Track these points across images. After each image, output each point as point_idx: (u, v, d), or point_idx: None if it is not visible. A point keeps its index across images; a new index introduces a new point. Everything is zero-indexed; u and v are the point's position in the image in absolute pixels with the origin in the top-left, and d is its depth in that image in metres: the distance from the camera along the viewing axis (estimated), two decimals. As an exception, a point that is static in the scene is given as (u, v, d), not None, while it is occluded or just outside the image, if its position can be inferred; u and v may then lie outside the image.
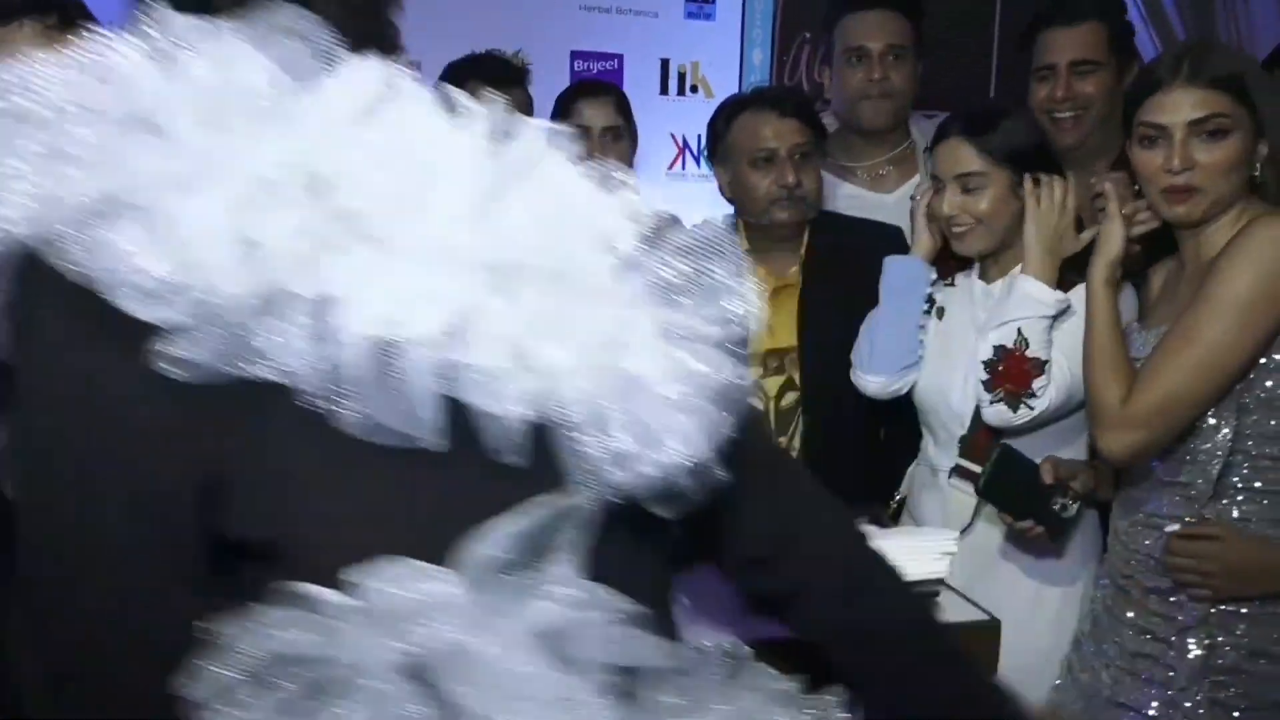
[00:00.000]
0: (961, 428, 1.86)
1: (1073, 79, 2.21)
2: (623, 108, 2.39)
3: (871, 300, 1.97)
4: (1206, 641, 1.51)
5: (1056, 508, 1.68)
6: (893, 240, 2.11)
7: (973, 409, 1.82)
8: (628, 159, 2.39)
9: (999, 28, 3.64)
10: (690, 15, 3.12)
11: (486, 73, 2.11)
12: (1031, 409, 1.73)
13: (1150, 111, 1.56)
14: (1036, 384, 1.72)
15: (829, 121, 2.37)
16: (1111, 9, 2.34)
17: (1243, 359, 1.48)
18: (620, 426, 0.72)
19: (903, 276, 1.95)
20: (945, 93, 3.40)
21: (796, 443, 2.10)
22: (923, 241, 1.95)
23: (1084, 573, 1.81)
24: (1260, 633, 1.50)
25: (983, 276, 1.92)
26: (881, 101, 2.37)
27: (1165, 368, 1.51)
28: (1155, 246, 1.71)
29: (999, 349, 1.74)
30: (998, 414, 1.76)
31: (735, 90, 3.08)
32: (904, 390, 1.95)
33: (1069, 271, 1.81)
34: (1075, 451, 1.81)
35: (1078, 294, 1.74)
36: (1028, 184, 1.80)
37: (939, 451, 1.93)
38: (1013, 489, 1.71)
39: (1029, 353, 1.72)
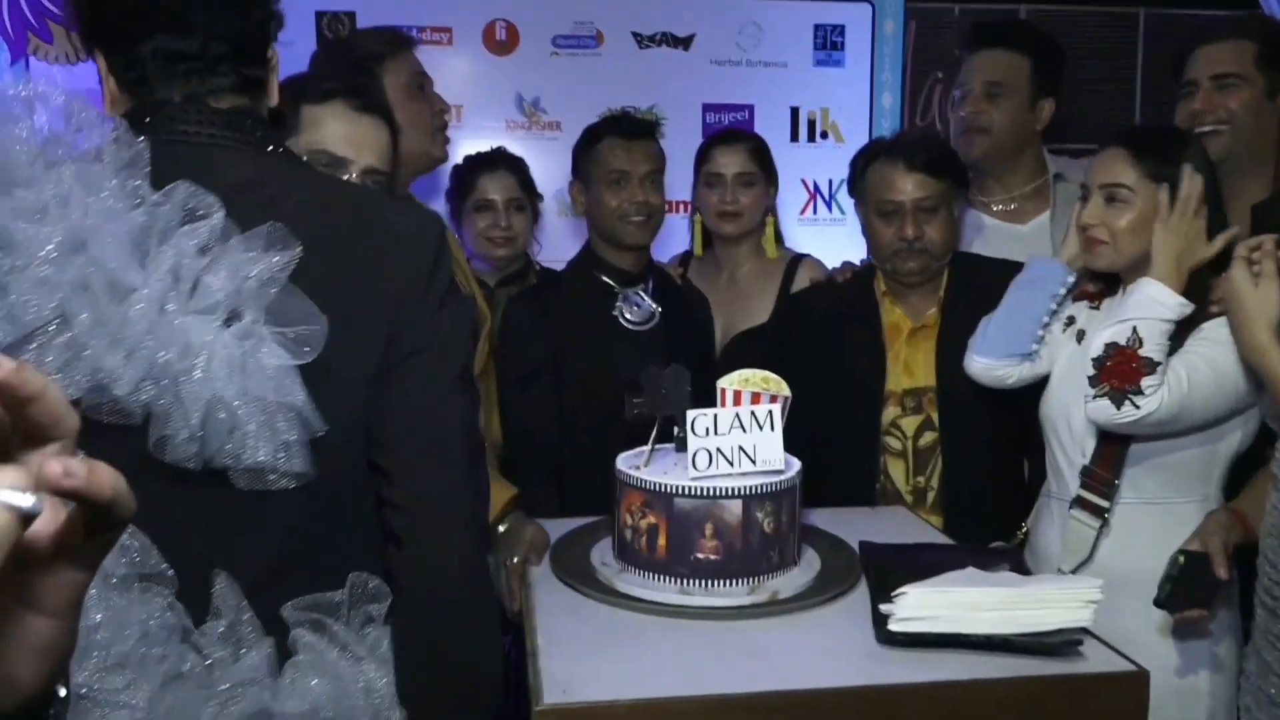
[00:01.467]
0: (1083, 456, 1.83)
1: (1214, 93, 2.19)
2: (758, 153, 2.48)
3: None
4: None
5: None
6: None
7: (1095, 435, 1.79)
8: (762, 203, 2.47)
9: (1142, 62, 3.56)
10: (819, 63, 3.16)
11: (618, 129, 2.24)
12: (1138, 408, 1.66)
13: None
14: (1145, 382, 1.66)
15: None
16: (1259, 27, 2.30)
17: None
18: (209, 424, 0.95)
19: (1038, 271, 1.94)
20: (1090, 128, 3.34)
21: (935, 482, 2.10)
22: (1068, 246, 1.94)
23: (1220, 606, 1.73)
24: None
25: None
26: (976, 136, 2.44)
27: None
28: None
29: (1110, 345, 1.69)
30: (1100, 410, 1.70)
31: (866, 135, 3.12)
32: (1009, 380, 1.94)
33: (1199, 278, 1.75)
34: (1194, 507, 1.76)
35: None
36: (1163, 192, 1.75)
37: (1060, 481, 1.90)
38: (1190, 591, 1.64)
39: (1142, 351, 1.67)
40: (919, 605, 1.29)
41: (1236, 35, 2.21)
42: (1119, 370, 1.68)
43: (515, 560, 1.64)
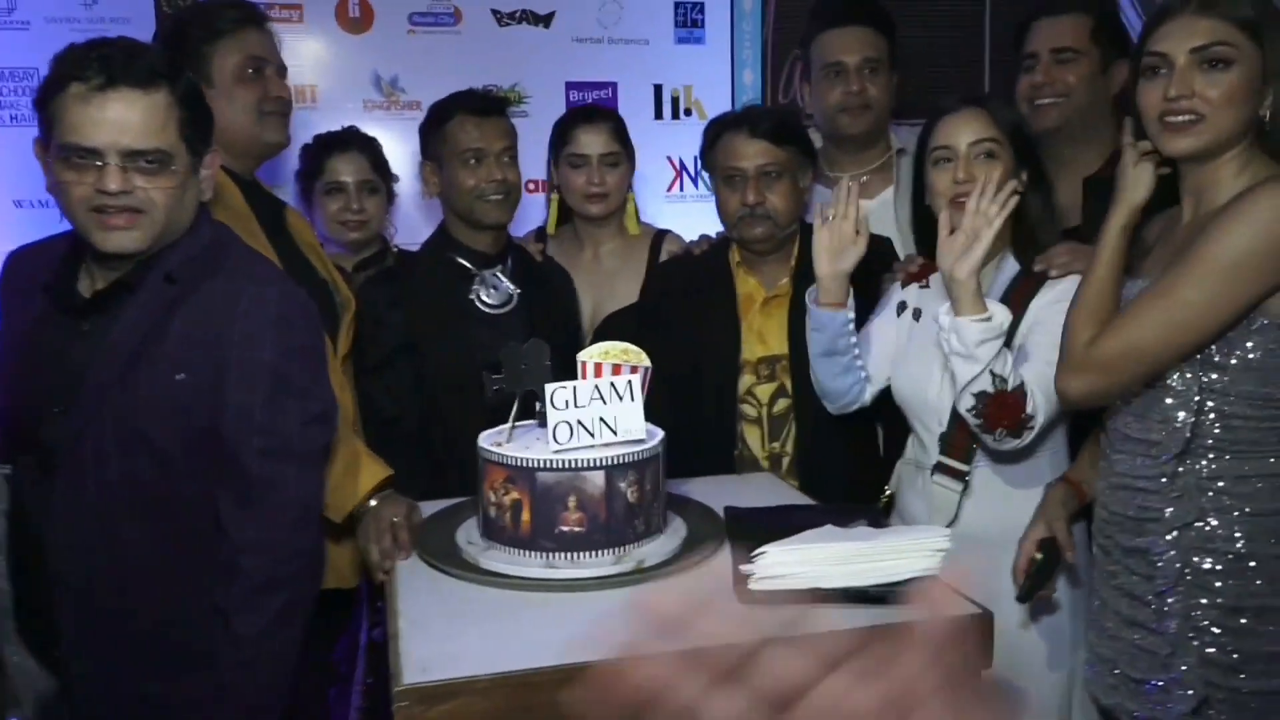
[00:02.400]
0: (940, 424, 1.90)
1: (1053, 66, 2.28)
2: (619, 133, 2.47)
3: (858, 306, 1.99)
4: (1187, 603, 1.53)
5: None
6: (881, 249, 2.16)
7: (950, 405, 1.85)
8: (626, 182, 2.46)
9: (989, 36, 3.69)
10: (680, 40, 3.17)
11: (470, 106, 2.19)
12: (1034, 428, 1.76)
13: (1155, 40, 1.54)
14: (1029, 407, 1.74)
15: (815, 135, 2.43)
16: (1096, 2, 2.38)
17: (1217, 321, 1.47)
18: None
19: (818, 325, 1.96)
20: (936, 99, 3.45)
21: (790, 447, 2.14)
22: (821, 272, 1.93)
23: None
24: (1236, 588, 1.50)
25: None
26: (860, 113, 2.45)
27: (1136, 318, 1.52)
28: (1154, 201, 1.66)
29: (980, 396, 1.74)
30: (1009, 446, 1.79)
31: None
32: (868, 401, 2.02)
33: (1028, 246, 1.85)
34: (1045, 459, 1.88)
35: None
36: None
37: (921, 449, 1.97)
38: (1043, 580, 1.75)
39: (1009, 388, 1.73)
40: (778, 564, 1.32)
41: (1074, 9, 2.31)
42: (1001, 413, 1.74)
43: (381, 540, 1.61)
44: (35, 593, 1.50)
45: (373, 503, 1.74)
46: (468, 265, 2.20)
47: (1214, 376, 1.51)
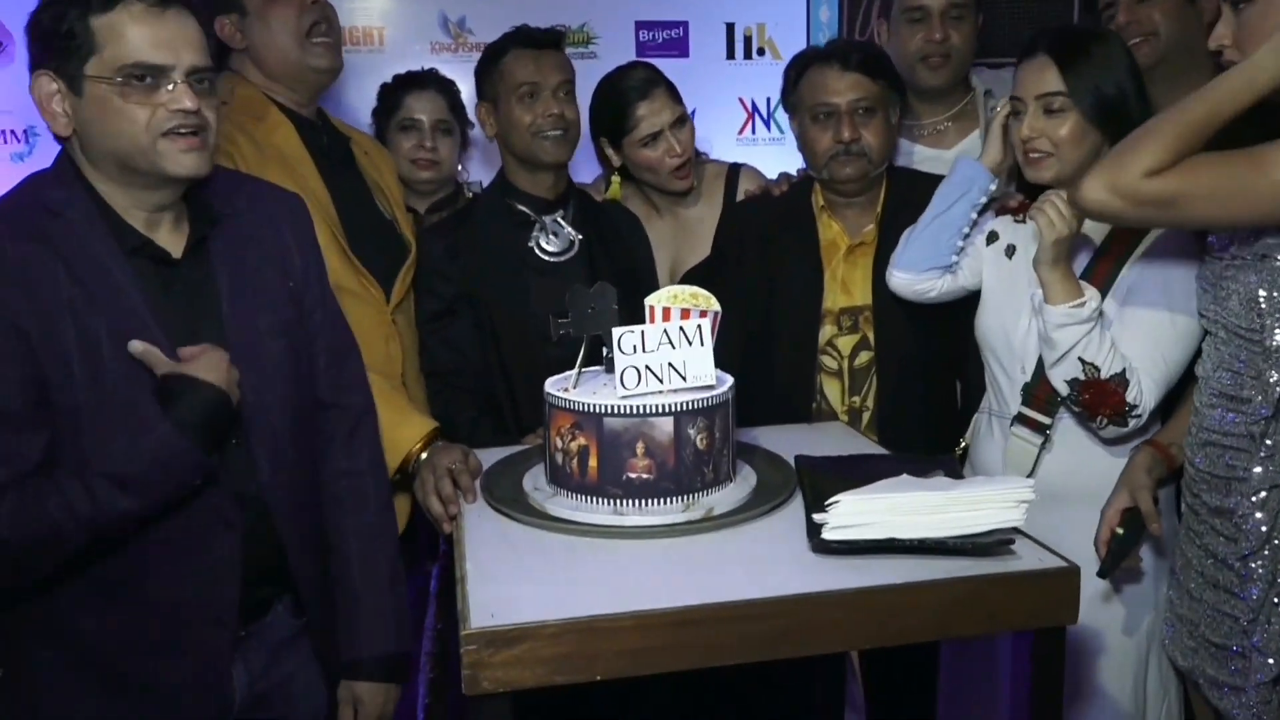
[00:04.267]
0: (1023, 373, 1.83)
1: (1135, 5, 2.18)
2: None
3: None
4: (1273, 569, 1.47)
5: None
6: None
7: (1035, 351, 1.78)
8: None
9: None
10: (754, -24, 3.08)
11: (523, 40, 2.12)
12: (1140, 416, 1.70)
13: None
14: (1131, 396, 1.67)
15: None
16: None
17: (1265, 216, 1.37)
18: None
19: (963, 177, 1.91)
20: (1020, 40, 3.30)
21: (870, 402, 2.08)
22: (991, 152, 1.92)
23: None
24: None
25: None
26: (941, 62, 2.33)
27: (1211, 171, 1.39)
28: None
29: (1072, 383, 1.69)
30: (1115, 434, 1.72)
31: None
32: (930, 294, 1.95)
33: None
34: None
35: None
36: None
37: (1000, 399, 1.89)
38: (1127, 553, 1.69)
39: (1104, 375, 1.67)
40: (852, 513, 1.28)
41: None
42: (1100, 401, 1.69)
43: (442, 488, 1.60)
44: None
45: (424, 455, 1.72)
46: (527, 211, 2.15)
47: None
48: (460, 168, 2.59)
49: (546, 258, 2.13)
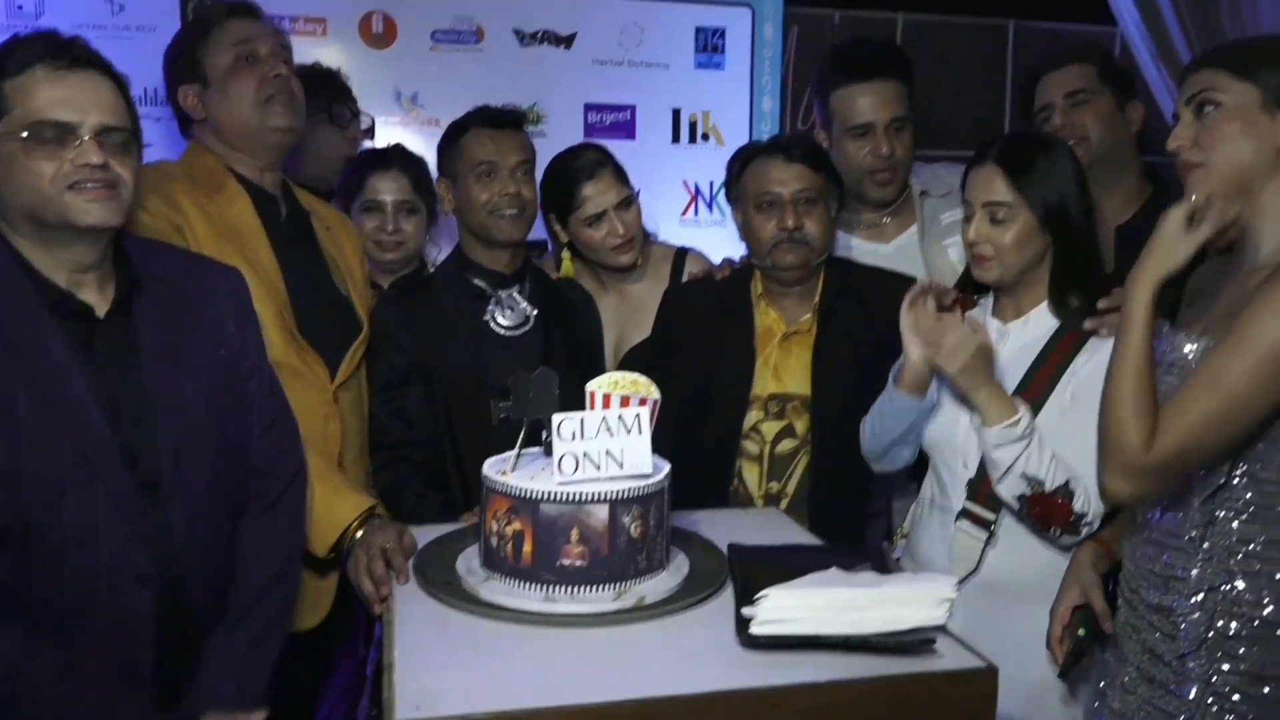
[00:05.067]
0: (965, 468, 1.85)
1: (1069, 110, 2.31)
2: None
3: (884, 350, 1.93)
4: (1209, 668, 1.49)
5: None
6: (907, 289, 2.13)
7: (978, 449, 1.80)
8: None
9: (1011, 71, 3.69)
10: (700, 65, 3.18)
11: (484, 119, 2.16)
12: (1091, 524, 1.74)
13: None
14: (1078, 505, 1.72)
15: None
16: (1095, 51, 2.43)
17: (1270, 409, 1.42)
18: None
19: (894, 410, 1.88)
20: (960, 133, 3.45)
21: (791, 488, 2.10)
22: (910, 357, 1.84)
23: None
24: (1261, 655, 1.45)
25: (997, 315, 1.90)
26: (889, 177, 2.37)
27: (1189, 413, 1.43)
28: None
29: (1020, 499, 1.74)
30: (1070, 543, 1.76)
31: (746, 137, 3.15)
32: (910, 463, 1.98)
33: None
34: None
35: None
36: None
37: (942, 491, 1.92)
38: (1084, 652, 1.70)
39: (1048, 489, 1.71)
40: (779, 607, 1.30)
41: (1077, 60, 2.35)
42: (1050, 514, 1.72)
43: (374, 568, 1.59)
44: None
45: (359, 534, 1.69)
46: (483, 285, 2.18)
47: (1245, 444, 1.47)
48: (430, 242, 2.56)
49: (502, 331, 2.15)
